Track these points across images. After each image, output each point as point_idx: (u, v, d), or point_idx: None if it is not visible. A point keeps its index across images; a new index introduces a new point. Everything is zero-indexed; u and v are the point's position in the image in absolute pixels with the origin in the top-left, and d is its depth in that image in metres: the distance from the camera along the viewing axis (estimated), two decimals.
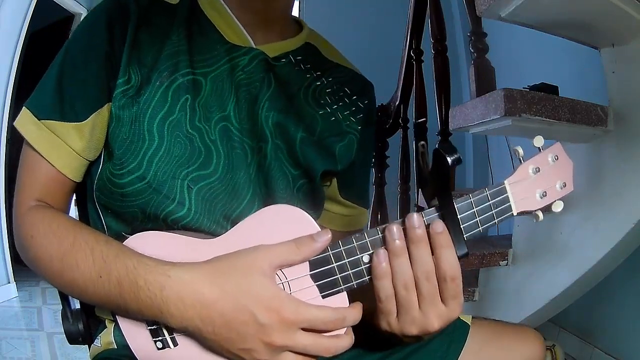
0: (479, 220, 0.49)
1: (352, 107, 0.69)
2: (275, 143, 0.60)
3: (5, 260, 2.89)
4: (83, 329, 0.68)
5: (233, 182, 0.57)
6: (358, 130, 0.69)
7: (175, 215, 0.55)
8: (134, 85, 0.55)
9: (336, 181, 0.71)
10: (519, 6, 1.07)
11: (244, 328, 0.45)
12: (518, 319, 1.41)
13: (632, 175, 1.17)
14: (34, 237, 0.53)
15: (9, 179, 2.88)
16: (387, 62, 2.54)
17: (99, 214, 0.59)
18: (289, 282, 0.49)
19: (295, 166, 0.62)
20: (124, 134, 0.55)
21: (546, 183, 0.50)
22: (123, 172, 0.54)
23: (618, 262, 1.32)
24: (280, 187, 0.61)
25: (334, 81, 0.69)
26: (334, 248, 0.48)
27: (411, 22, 1.92)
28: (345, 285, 0.49)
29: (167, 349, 0.51)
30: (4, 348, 2.07)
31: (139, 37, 0.56)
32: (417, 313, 0.47)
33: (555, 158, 0.51)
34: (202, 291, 0.45)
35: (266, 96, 0.61)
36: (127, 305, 0.47)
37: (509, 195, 0.49)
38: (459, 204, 0.48)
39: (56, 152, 0.55)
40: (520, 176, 0.50)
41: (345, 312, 0.47)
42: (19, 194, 0.57)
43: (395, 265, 0.47)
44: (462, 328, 0.64)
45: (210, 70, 0.58)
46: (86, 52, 0.56)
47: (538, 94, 1.18)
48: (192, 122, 0.56)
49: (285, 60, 0.64)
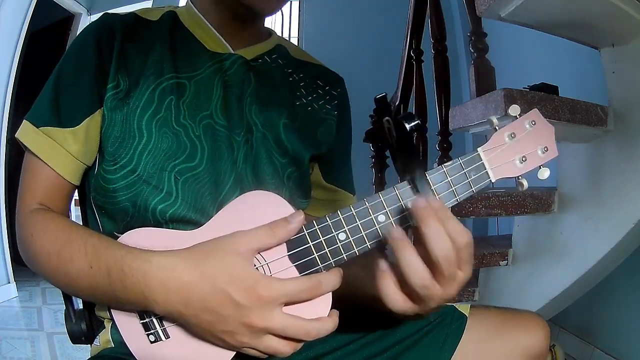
0: (454, 189, 0.48)
1: (327, 96, 0.75)
2: (261, 132, 0.65)
3: (5, 260, 2.89)
4: (86, 329, 0.69)
5: (216, 173, 0.61)
6: (335, 115, 0.74)
7: (163, 204, 0.58)
8: (122, 89, 0.61)
9: (318, 167, 0.76)
10: (519, 6, 1.07)
11: (222, 310, 0.46)
12: None
13: (632, 175, 1.17)
14: (34, 235, 0.56)
15: (9, 179, 2.88)
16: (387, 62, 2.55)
17: (95, 215, 0.63)
18: (269, 265, 0.50)
19: (283, 154, 0.66)
20: (116, 133, 0.60)
21: (525, 148, 0.49)
22: (116, 167, 0.59)
23: (618, 262, 1.32)
24: (267, 175, 0.64)
25: (305, 76, 0.74)
26: (309, 227, 0.49)
27: (411, 22, 1.92)
28: (323, 264, 0.49)
29: (159, 342, 0.52)
30: (4, 348, 2.07)
31: (126, 50, 0.62)
32: (438, 291, 0.46)
33: (532, 123, 0.50)
34: (181, 275, 0.47)
35: (248, 92, 0.66)
36: (117, 295, 0.50)
37: (483, 162, 0.49)
38: (431, 174, 0.48)
39: (55, 155, 0.60)
40: (495, 143, 0.49)
41: (320, 277, 0.48)
42: (22, 198, 0.61)
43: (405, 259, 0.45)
44: (459, 320, 0.64)
45: (195, 75, 0.64)
46: (78, 67, 0.62)
47: (538, 94, 1.18)
48: (178, 119, 0.61)
49: (262, 60, 0.70)
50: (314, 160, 0.74)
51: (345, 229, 0.49)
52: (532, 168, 0.50)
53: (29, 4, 2.87)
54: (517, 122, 0.50)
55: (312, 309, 0.48)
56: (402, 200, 0.48)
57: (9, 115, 2.84)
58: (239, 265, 0.47)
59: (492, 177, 0.49)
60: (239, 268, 0.46)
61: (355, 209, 0.49)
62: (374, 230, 0.48)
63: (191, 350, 0.51)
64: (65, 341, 0.70)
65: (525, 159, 0.49)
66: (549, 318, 1.53)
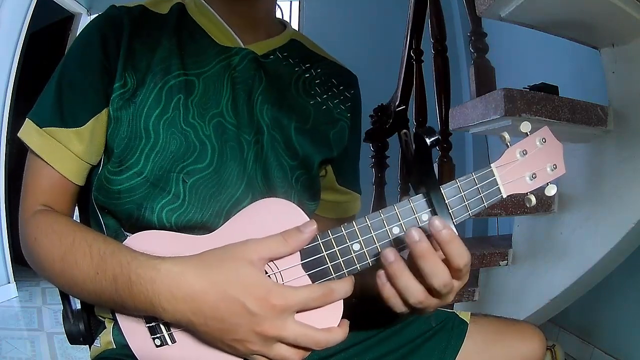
0: (467, 204, 0.49)
1: (341, 96, 0.73)
2: (271, 135, 0.63)
3: (5, 260, 2.89)
4: (84, 329, 0.69)
5: (226, 175, 0.59)
6: (348, 117, 0.72)
7: (170, 207, 0.57)
8: (129, 88, 0.58)
9: (332, 169, 0.74)
10: (519, 6, 1.07)
11: (235, 319, 0.45)
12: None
13: (632, 175, 1.17)
14: (37, 239, 0.54)
15: (9, 179, 2.88)
16: (387, 62, 2.54)
17: (97, 213, 0.61)
18: (281, 273, 0.50)
19: (292, 157, 0.64)
20: (122, 134, 0.57)
21: (535, 165, 0.50)
22: (122, 169, 0.57)
23: (618, 262, 1.32)
24: (277, 178, 0.63)
25: (321, 73, 0.72)
26: (323, 237, 0.49)
27: (411, 22, 1.92)
28: (336, 274, 0.49)
29: (165, 346, 0.51)
30: (4, 348, 2.07)
31: (132, 46, 0.59)
32: (432, 301, 0.48)
33: (542, 141, 0.51)
34: (191, 283, 0.46)
35: (259, 91, 0.64)
36: (124, 301, 0.48)
37: (496, 178, 0.49)
38: (446, 189, 0.49)
39: (58, 156, 0.58)
40: (507, 159, 0.50)
41: (332, 284, 0.48)
42: (24, 200, 0.59)
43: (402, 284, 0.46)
44: (461, 327, 0.64)
45: (204, 71, 0.61)
46: (83, 64, 0.59)
47: (538, 94, 1.18)
48: (186, 119, 0.59)
49: (273, 57, 0.67)
50: (326, 164, 0.72)
51: (359, 239, 0.49)
52: (541, 185, 0.51)
53: (29, 4, 2.87)
54: (529, 139, 0.51)
55: (323, 318, 0.48)
56: (416, 213, 0.49)
57: (9, 115, 2.84)
58: (252, 273, 0.46)
59: (503, 193, 0.50)
60: (251, 276, 0.46)
61: (370, 220, 0.49)
62: (387, 242, 0.49)
63: (198, 355, 0.50)
64: (65, 341, 0.70)
65: (535, 176, 0.50)
66: (549, 318, 1.53)
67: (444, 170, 1.57)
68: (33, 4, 2.89)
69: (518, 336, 0.64)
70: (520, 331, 0.65)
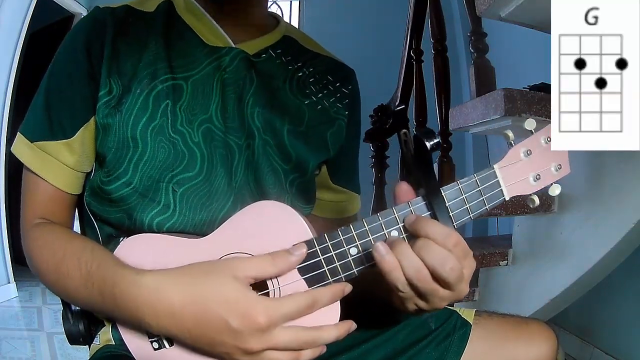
0: (468, 207, 0.47)
1: (337, 93, 0.70)
2: (263, 139, 0.61)
3: (5, 260, 2.89)
4: (84, 330, 0.69)
5: (217, 183, 0.58)
6: (345, 115, 0.70)
7: (161, 217, 0.56)
8: (115, 95, 0.57)
9: (326, 168, 0.72)
10: (519, 6, 1.07)
11: (218, 336, 0.44)
12: None
13: (632, 175, 1.17)
14: (33, 250, 0.56)
15: (9, 179, 2.88)
16: (387, 62, 2.54)
17: (92, 218, 0.62)
18: (277, 277, 0.49)
19: (285, 161, 0.63)
20: (110, 143, 0.57)
21: (539, 165, 0.48)
22: (111, 179, 0.57)
23: (618, 262, 1.32)
24: (270, 183, 0.61)
25: (315, 70, 0.69)
26: (320, 242, 0.48)
27: (411, 22, 1.92)
28: (333, 278, 0.48)
29: (163, 349, 0.51)
30: (4, 348, 2.07)
31: (117, 48, 0.58)
32: (445, 293, 0.46)
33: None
34: (172, 298, 0.45)
35: (250, 93, 0.61)
36: (113, 313, 0.49)
37: (499, 179, 0.47)
38: (446, 191, 0.47)
39: (51, 170, 0.58)
40: (511, 159, 0.48)
41: (316, 293, 0.47)
42: (23, 213, 0.60)
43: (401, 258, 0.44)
44: (463, 328, 0.61)
45: (192, 74, 0.59)
46: (68, 73, 0.58)
47: (538, 94, 1.18)
48: (174, 126, 0.57)
49: (266, 55, 0.65)
50: (321, 164, 0.70)
51: (357, 243, 0.48)
52: (545, 186, 0.48)
53: (29, 4, 2.87)
54: (533, 137, 0.48)
55: (319, 318, 0.47)
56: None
57: (9, 115, 2.84)
58: (235, 289, 0.45)
59: (506, 196, 0.48)
60: (234, 292, 0.44)
61: (369, 225, 0.47)
62: None
63: (195, 358, 0.50)
64: (65, 341, 0.70)
65: (539, 176, 0.48)
66: (549, 318, 1.53)
67: (444, 171, 1.57)
68: (33, 4, 2.89)
69: (526, 337, 0.60)
70: (528, 332, 0.61)
